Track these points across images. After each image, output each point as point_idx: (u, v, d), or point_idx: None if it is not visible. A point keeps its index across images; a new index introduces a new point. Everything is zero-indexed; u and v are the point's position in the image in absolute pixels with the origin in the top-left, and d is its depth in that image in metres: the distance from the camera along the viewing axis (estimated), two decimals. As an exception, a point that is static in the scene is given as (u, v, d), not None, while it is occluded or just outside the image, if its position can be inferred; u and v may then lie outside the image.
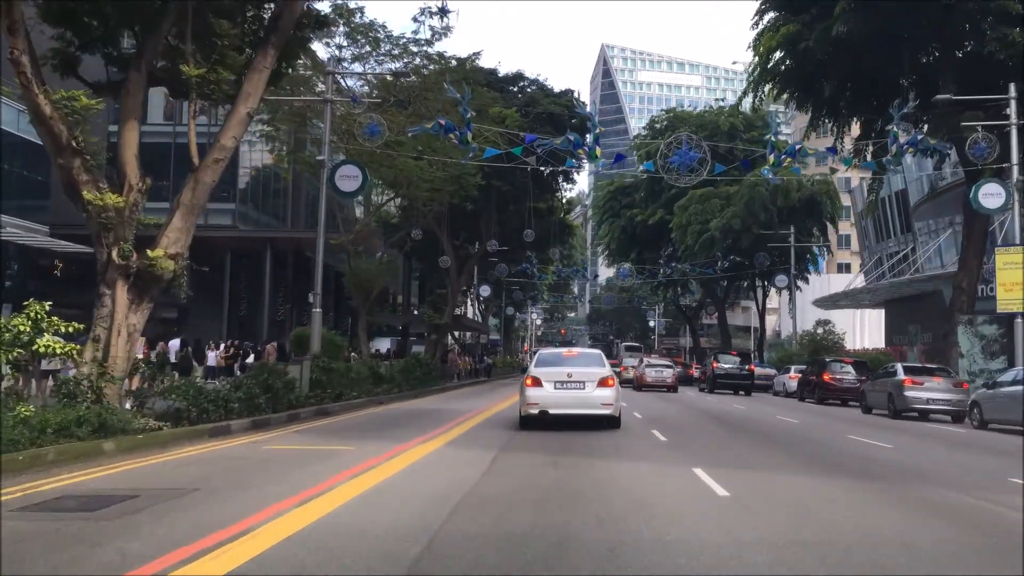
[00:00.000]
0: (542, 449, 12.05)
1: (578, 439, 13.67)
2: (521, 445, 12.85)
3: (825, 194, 48.32)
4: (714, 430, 16.68)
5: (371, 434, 14.28)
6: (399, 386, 27.51)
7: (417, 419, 18.05)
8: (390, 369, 30.03)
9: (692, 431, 16.32)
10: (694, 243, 49.42)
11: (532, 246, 43.64)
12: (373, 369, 25.66)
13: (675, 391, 34.10)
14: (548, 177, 41.96)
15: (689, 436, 15.00)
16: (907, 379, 20.49)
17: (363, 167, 22.83)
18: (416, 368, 30.37)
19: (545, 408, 14.70)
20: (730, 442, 14.26)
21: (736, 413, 22.28)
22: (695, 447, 13.06)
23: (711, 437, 15.06)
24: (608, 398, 14.75)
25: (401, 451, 11.50)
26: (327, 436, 13.70)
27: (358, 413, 19.52)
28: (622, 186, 62.87)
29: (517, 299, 68.04)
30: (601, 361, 16.16)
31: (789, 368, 35.39)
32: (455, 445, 12.61)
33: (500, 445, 12.66)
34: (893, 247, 68.95)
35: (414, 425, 16.28)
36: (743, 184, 48.46)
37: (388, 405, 22.95)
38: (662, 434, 14.74)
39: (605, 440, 13.56)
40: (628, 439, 14.08)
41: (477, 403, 24.90)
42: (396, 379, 27.87)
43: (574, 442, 13.21)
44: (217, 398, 14.51)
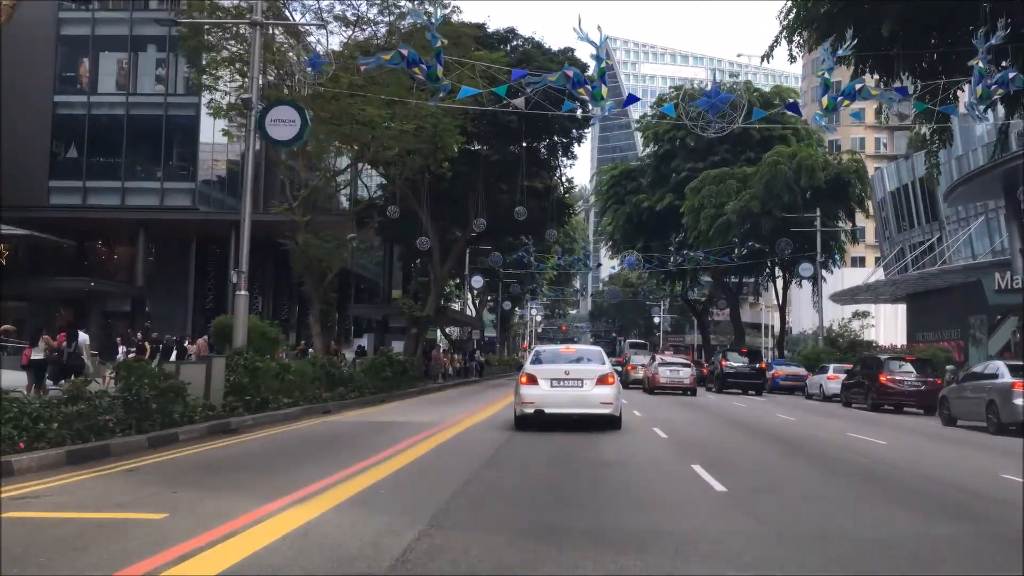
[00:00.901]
0: (514, 514, 6.69)
1: (581, 478, 8.37)
2: (477, 501, 7.49)
3: (854, 173, 42.79)
4: (789, 465, 11.23)
5: (242, 476, 9.02)
6: (361, 389, 22.21)
7: (352, 441, 12.73)
8: (353, 369, 24.75)
9: (756, 467, 10.90)
10: (708, 228, 43.96)
11: (529, 231, 38.20)
12: (326, 368, 20.28)
13: (693, 394, 28.76)
14: (545, 152, 36.60)
15: (762, 481, 9.52)
16: (1018, 383, 15.01)
17: (303, 109, 17.45)
18: (385, 367, 25.02)
19: (541, 407, 13.69)
20: (837, 492, 8.81)
21: (792, 430, 16.82)
22: (798, 511, 7.62)
23: (799, 482, 9.58)
24: (608, 397, 13.83)
25: (248, 522, 6.13)
26: (156, 482, 8.34)
27: (278, 430, 14.15)
28: (627, 170, 57.43)
29: (515, 293, 62.59)
30: (601, 358, 15.00)
31: (826, 368, 29.92)
32: (360, 505, 7.22)
33: (447, 497, 7.35)
34: (917, 237, 63.62)
35: (334, 454, 10.95)
36: (763, 163, 43.02)
37: (335, 416, 17.61)
38: (717, 478, 9.15)
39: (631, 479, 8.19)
40: (664, 481, 8.78)
41: (452, 411, 19.64)
42: (358, 381, 22.55)
43: (573, 487, 7.86)
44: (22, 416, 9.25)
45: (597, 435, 13.46)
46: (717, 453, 11.84)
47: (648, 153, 56.61)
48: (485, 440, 12.94)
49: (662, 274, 56.24)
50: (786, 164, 41.82)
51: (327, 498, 7.36)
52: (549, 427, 13.85)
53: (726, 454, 11.88)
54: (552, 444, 12.31)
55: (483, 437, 13.49)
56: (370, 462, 9.91)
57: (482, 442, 12.63)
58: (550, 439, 12.86)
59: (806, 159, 42.01)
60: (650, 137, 54.38)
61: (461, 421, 16.85)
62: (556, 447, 11.99)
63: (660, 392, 28.83)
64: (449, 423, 16.18)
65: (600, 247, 62.00)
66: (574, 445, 12.24)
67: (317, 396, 18.67)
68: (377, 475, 8.96)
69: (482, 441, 12.81)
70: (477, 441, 12.88)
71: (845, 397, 25.59)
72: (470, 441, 13.00)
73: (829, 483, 9.47)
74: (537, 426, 13.86)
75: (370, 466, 9.58)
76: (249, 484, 8.27)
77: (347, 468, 9.25)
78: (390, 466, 9.72)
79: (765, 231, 42.04)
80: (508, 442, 12.58)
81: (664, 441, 13.57)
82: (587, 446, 12.17)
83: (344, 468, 9.23)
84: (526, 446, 12.11)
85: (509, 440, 12.92)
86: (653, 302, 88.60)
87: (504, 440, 12.89)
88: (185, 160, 39.47)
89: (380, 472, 9.20)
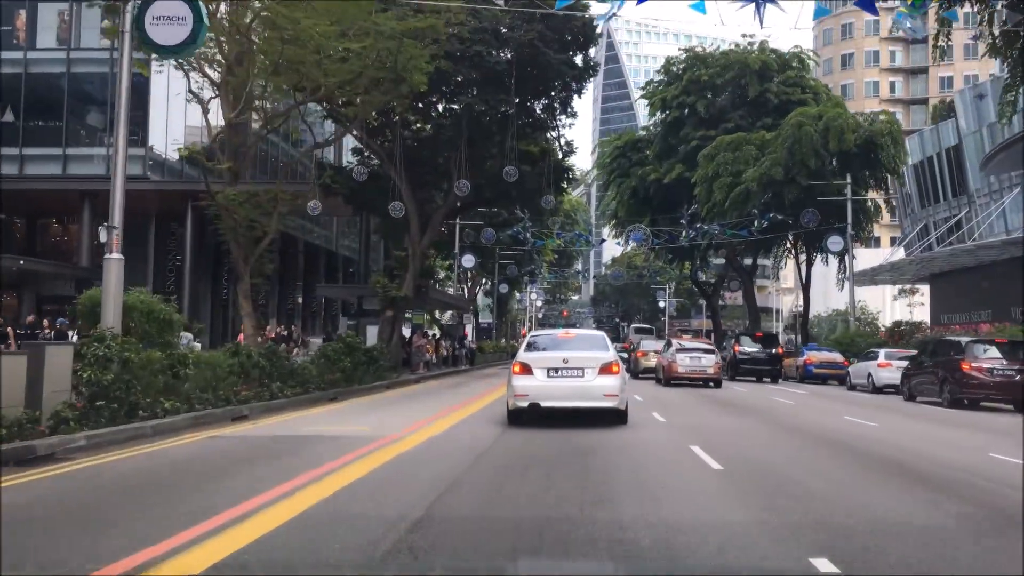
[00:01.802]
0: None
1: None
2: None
3: (887, 135, 37.57)
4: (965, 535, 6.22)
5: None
6: (307, 385, 17.32)
7: (207, 479, 7.85)
8: (306, 359, 19.90)
9: (917, 547, 5.85)
10: (724, 199, 38.86)
11: (523, 201, 33.10)
12: (251, 360, 15.34)
13: (718, 385, 23.82)
14: (542, 111, 31.46)
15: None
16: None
17: (196, 3, 12.39)
18: (344, 356, 20.10)
19: (536, 400, 12.07)
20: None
21: (904, 447, 11.71)
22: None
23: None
24: (612, 388, 12.10)
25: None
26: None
27: (116, 456, 9.21)
28: (631, 140, 52.26)
29: (512, 275, 57.50)
30: (604, 344, 13.30)
31: (874, 353, 24.84)
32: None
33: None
34: (944, 212, 58.52)
35: (141, 512, 6.02)
36: (785, 124, 37.89)
37: (245, 425, 12.75)
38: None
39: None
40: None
41: (417, 413, 14.95)
42: (303, 375, 17.65)
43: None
44: None
45: (609, 445, 8.54)
46: (824, 508, 6.76)
47: (654, 122, 51.41)
48: (431, 474, 8.02)
49: (670, 254, 51.24)
50: (812, 126, 36.66)
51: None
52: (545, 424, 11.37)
53: (838, 506, 6.83)
54: (543, 471, 7.39)
55: (432, 467, 8.57)
56: (178, 540, 4.96)
57: (426, 477, 7.71)
58: (542, 458, 7.94)
59: (834, 119, 36.86)
60: (657, 104, 49.19)
61: (424, 427, 12.04)
62: (547, 479, 7.05)
63: (678, 383, 23.87)
64: (403, 433, 11.36)
65: (603, 228, 56.86)
66: (573, 465, 7.30)
67: (232, 395, 13.77)
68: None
69: (427, 475, 7.89)
70: (416, 476, 7.95)
71: (908, 389, 20.57)
72: (407, 475, 8.07)
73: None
74: (534, 422, 11.83)
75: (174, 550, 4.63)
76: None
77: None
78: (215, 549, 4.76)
79: (788, 201, 36.95)
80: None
81: (719, 479, 8.41)
82: (601, 476, 7.24)
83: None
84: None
85: (478, 463, 8.00)
86: (659, 285, 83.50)
87: (470, 463, 7.99)
88: (135, 122, 34.39)
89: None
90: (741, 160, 39.15)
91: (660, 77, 50.99)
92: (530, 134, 32.16)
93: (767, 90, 46.33)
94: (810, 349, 31.54)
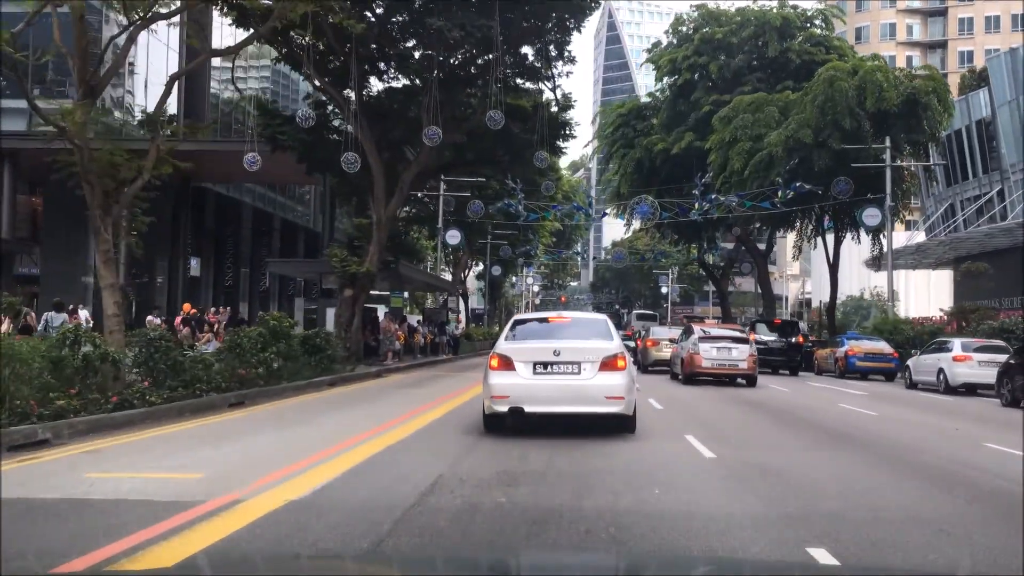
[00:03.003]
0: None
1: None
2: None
3: (931, 93, 32.21)
4: None
5: None
6: (196, 386, 12.24)
7: None
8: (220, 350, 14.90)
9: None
10: (743, 167, 33.58)
11: (514, 163, 27.82)
12: (81, 350, 10.22)
13: (752, 383, 18.65)
14: (534, 57, 26.18)
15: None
16: None
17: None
18: (267, 345, 15.02)
19: (519, 404, 9.22)
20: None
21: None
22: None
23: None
24: (616, 388, 9.21)
25: None
26: None
27: None
28: (636, 108, 46.96)
29: (505, 256, 52.21)
30: (606, 331, 10.10)
31: (946, 344, 19.56)
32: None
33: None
34: (972, 190, 53.25)
35: None
36: (816, 80, 32.56)
37: (26, 456, 7.56)
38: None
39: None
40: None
41: (346, 426, 10.55)
42: (196, 372, 12.58)
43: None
44: None
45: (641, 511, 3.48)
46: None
47: (661, 88, 46.02)
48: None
49: (676, 234, 46.01)
50: (846, 81, 31.32)
51: None
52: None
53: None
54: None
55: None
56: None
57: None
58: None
59: (872, 74, 31.51)
60: (664, 67, 43.78)
61: (334, 457, 7.34)
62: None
63: (702, 380, 18.70)
64: (272, 478, 6.30)
65: (603, 210, 51.60)
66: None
67: (29, 409, 8.65)
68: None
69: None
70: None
71: (1009, 392, 15.41)
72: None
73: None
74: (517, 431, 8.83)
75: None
76: None
77: None
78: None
79: (818, 168, 31.64)
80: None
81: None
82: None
83: None
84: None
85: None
86: (661, 270, 78.31)
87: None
88: (61, 70, 29.10)
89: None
90: (762, 123, 33.87)
91: (668, 39, 45.65)
92: (520, 86, 26.93)
93: (788, 49, 41.03)
94: (851, 338, 26.29)
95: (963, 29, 78.18)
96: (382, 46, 23.60)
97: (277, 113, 23.48)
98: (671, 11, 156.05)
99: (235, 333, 14.86)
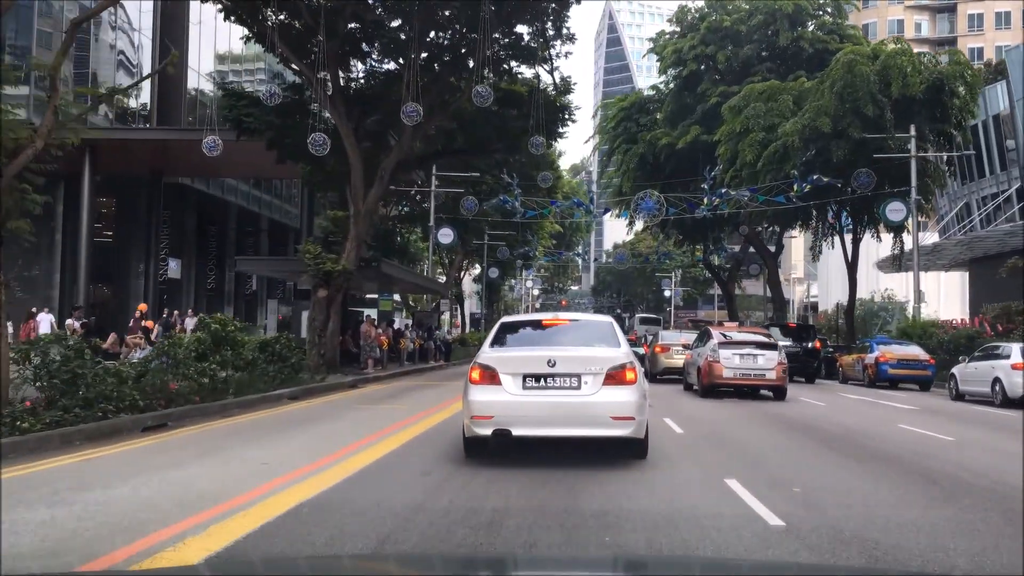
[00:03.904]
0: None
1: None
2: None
3: (959, 78, 29.63)
4: None
5: None
6: (107, 404, 9.73)
7: None
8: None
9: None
10: (755, 159, 30.98)
11: (508, 150, 25.25)
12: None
13: (782, 396, 16.02)
14: (530, 36, 23.62)
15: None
16: None
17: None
18: (210, 351, 12.50)
19: (505, 426, 7.53)
20: None
21: None
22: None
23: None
24: (625, 405, 7.52)
25: None
26: None
27: None
28: (639, 101, 44.43)
29: (503, 257, 49.58)
30: (611, 336, 8.37)
31: (998, 350, 16.87)
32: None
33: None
34: (989, 188, 50.63)
35: None
36: (834, 65, 29.97)
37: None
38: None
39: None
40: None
41: (282, 459, 7.90)
42: (102, 390, 10.05)
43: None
44: None
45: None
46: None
47: (665, 80, 43.48)
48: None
49: (680, 234, 43.48)
50: (867, 65, 28.76)
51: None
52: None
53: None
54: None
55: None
56: None
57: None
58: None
59: (894, 57, 28.93)
60: (669, 57, 41.25)
61: (226, 516, 4.39)
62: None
63: (723, 394, 16.10)
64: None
65: (603, 211, 49.01)
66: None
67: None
68: None
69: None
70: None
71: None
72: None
73: None
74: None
75: None
76: None
77: None
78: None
79: (837, 159, 29.04)
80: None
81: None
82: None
83: None
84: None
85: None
86: (664, 272, 75.74)
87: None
88: (16, 55, 26.64)
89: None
90: (776, 112, 31.28)
91: (672, 28, 43.14)
92: (516, 71, 24.37)
93: (800, 38, 38.53)
94: (882, 342, 23.60)
95: (973, 25, 75.68)
96: (364, 25, 21.12)
97: (243, 94, 20.96)
98: (672, 13, 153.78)
99: (167, 340, 12.25)
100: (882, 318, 53.64)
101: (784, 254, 69.44)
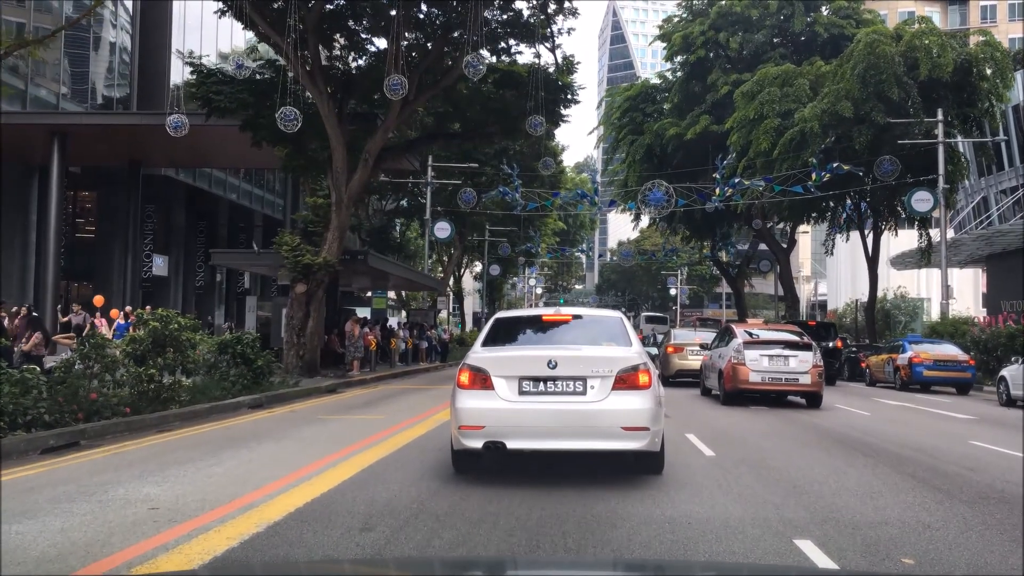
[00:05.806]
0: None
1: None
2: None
3: (989, 60, 27.48)
4: None
5: None
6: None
7: None
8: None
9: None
10: (770, 147, 28.87)
11: (506, 134, 23.15)
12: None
13: (817, 404, 13.93)
14: (530, 13, 21.57)
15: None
16: None
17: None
18: (148, 353, 10.44)
19: (498, 438, 6.53)
20: None
21: None
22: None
23: None
24: (638, 414, 6.49)
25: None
26: None
27: None
28: (645, 90, 42.30)
29: (504, 254, 47.50)
30: (621, 333, 7.34)
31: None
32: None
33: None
34: (1008, 181, 48.41)
35: None
36: (855, 46, 27.84)
37: None
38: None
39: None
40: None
41: (202, 498, 5.24)
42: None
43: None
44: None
45: None
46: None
47: (673, 68, 41.33)
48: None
49: (688, 230, 41.44)
50: (890, 46, 26.62)
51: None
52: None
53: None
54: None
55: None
56: None
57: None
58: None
59: (920, 37, 26.81)
60: (677, 44, 39.10)
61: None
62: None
63: (749, 397, 14.02)
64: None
65: (610, 201, 46.77)
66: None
67: None
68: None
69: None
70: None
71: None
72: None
73: None
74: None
75: None
76: None
77: None
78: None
79: (861, 145, 26.90)
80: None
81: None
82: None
83: None
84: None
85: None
86: (670, 270, 73.63)
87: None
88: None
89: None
90: (792, 97, 29.17)
91: (681, 13, 41.02)
92: (514, 49, 22.30)
93: (815, 22, 36.40)
94: (914, 341, 21.43)
95: (985, 17, 73.26)
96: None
97: (212, 71, 18.92)
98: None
99: (86, 341, 10.17)
100: (894, 316, 51.40)
101: (793, 253, 67.40)
